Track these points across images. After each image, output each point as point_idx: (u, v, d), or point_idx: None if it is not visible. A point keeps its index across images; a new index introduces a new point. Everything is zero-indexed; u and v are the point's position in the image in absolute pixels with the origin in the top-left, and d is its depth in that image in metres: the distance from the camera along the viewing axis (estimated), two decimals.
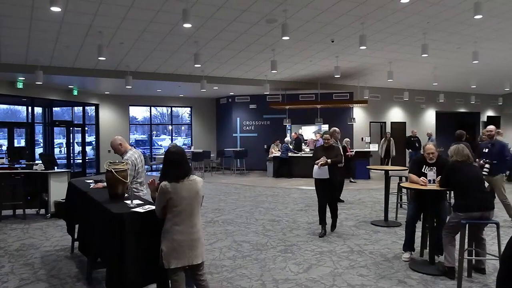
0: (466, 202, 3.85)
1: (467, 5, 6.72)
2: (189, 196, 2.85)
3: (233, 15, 7.03)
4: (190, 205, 2.87)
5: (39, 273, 4.32)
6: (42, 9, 6.31)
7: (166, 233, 2.84)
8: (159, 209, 2.87)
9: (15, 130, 13.24)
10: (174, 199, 2.80)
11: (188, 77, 11.98)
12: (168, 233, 2.82)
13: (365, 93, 13.95)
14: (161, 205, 2.84)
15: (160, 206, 2.85)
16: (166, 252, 2.80)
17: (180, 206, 2.82)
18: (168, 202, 2.81)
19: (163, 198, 2.81)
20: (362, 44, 7.71)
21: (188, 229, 2.86)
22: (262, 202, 8.61)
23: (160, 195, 2.82)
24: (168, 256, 2.80)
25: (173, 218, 2.83)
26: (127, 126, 16.05)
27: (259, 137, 15.79)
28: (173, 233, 2.82)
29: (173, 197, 2.79)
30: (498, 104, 19.05)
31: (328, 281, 3.98)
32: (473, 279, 3.98)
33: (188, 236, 2.85)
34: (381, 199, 7.71)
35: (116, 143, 4.43)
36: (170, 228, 2.83)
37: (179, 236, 2.82)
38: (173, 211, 2.82)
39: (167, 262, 2.80)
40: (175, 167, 2.86)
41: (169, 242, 2.81)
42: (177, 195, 2.80)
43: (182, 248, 2.82)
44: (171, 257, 2.80)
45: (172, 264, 2.79)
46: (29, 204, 7.29)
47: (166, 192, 2.79)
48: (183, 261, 2.83)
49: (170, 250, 2.80)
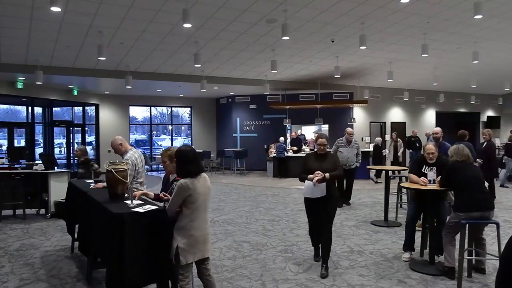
0: (466, 202, 3.85)
1: (467, 5, 6.72)
2: (204, 192, 2.96)
3: (233, 15, 7.03)
4: (205, 201, 2.99)
5: (39, 273, 4.32)
6: (42, 9, 6.31)
7: (182, 230, 2.90)
8: (176, 207, 2.91)
9: (15, 130, 13.24)
10: (193, 196, 2.88)
11: (188, 77, 11.98)
12: (185, 230, 2.89)
13: (365, 93, 13.94)
14: (179, 203, 2.90)
15: (178, 204, 2.90)
16: (184, 249, 2.87)
17: (197, 202, 2.91)
18: (186, 199, 2.87)
19: (182, 195, 2.86)
20: (362, 44, 7.71)
21: (203, 224, 2.98)
22: (262, 202, 8.61)
23: (179, 193, 2.86)
24: (185, 252, 2.87)
25: (190, 215, 2.90)
26: (127, 126, 16.04)
27: (259, 137, 15.79)
28: (190, 229, 2.90)
29: (192, 193, 2.87)
30: (498, 104, 19.04)
31: (328, 281, 3.98)
32: (473, 279, 3.98)
33: (202, 231, 2.97)
34: (381, 199, 7.71)
35: (117, 143, 4.43)
36: (187, 225, 2.90)
37: (196, 231, 2.91)
38: (189, 208, 2.89)
39: (184, 258, 2.87)
40: (192, 164, 2.94)
41: (186, 239, 2.88)
42: (195, 192, 2.88)
43: (197, 243, 2.92)
44: (188, 253, 2.88)
45: (189, 259, 2.89)
46: (29, 204, 7.29)
47: (186, 189, 2.85)
48: (198, 255, 2.94)
49: (187, 246, 2.88)
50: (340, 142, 7.92)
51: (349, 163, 7.72)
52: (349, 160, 7.71)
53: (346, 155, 7.70)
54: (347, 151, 7.75)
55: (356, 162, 7.84)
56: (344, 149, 7.78)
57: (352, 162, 7.78)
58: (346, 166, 7.50)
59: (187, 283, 2.92)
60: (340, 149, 7.79)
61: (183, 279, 2.91)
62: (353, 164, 7.81)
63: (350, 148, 7.79)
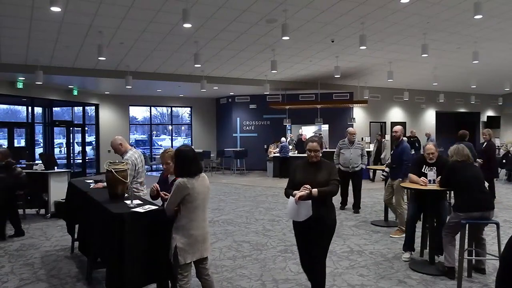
0: (466, 202, 3.85)
1: (467, 5, 6.72)
2: (203, 192, 2.97)
3: (233, 15, 7.03)
4: (204, 200, 3.00)
5: (39, 273, 4.32)
6: (42, 9, 6.31)
7: (181, 229, 2.90)
8: (174, 206, 2.91)
9: (15, 130, 13.23)
10: (191, 195, 2.88)
11: (188, 77, 11.98)
12: (184, 229, 2.90)
13: (365, 93, 13.95)
14: (177, 202, 2.90)
15: (176, 203, 2.90)
16: (182, 248, 2.88)
17: (196, 202, 2.91)
18: (184, 198, 2.88)
19: (180, 194, 2.87)
20: (362, 44, 7.71)
21: (202, 223, 2.99)
22: (262, 202, 8.61)
23: (178, 192, 2.87)
24: (184, 252, 2.88)
25: (189, 214, 2.91)
26: (127, 126, 16.05)
27: (259, 137, 15.79)
28: (190, 229, 2.90)
29: (190, 192, 2.88)
30: (498, 104, 19.04)
31: (328, 281, 3.97)
32: (473, 279, 3.98)
33: (202, 230, 2.98)
34: (381, 199, 7.69)
35: (116, 143, 4.43)
36: (186, 224, 2.90)
37: (195, 231, 2.92)
38: (188, 207, 2.90)
39: (183, 258, 2.87)
40: (191, 163, 2.96)
41: (185, 238, 2.89)
42: (194, 191, 2.89)
43: (196, 243, 2.92)
44: (187, 253, 2.89)
45: (188, 259, 2.89)
46: (29, 204, 7.29)
47: (184, 188, 2.86)
48: (196, 254, 2.94)
49: (186, 245, 2.89)
50: (342, 144, 7.59)
51: (353, 165, 7.38)
52: (352, 161, 7.37)
53: (349, 157, 7.38)
54: (349, 152, 7.41)
55: (361, 164, 7.46)
56: (346, 151, 7.44)
57: (356, 163, 7.40)
58: (349, 169, 7.35)
59: (186, 283, 2.92)
60: (342, 151, 7.48)
61: (182, 279, 2.91)
62: (358, 165, 7.42)
63: (354, 149, 7.43)
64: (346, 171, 7.37)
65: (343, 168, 7.37)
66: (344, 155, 7.43)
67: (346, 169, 7.39)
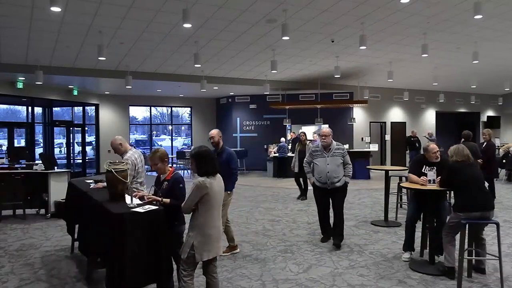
0: (466, 202, 3.85)
1: (467, 5, 6.72)
2: (219, 191, 3.05)
3: (233, 15, 7.03)
4: (219, 200, 3.06)
5: (39, 273, 4.32)
6: (42, 9, 6.31)
7: (198, 228, 2.95)
8: (192, 204, 2.96)
9: (15, 130, 13.22)
10: (209, 194, 2.95)
11: (188, 77, 11.98)
12: (202, 228, 2.95)
13: (365, 93, 13.95)
14: (195, 201, 2.95)
15: (195, 202, 2.95)
16: (198, 246, 2.93)
17: (213, 201, 2.98)
18: (203, 197, 2.93)
19: (199, 193, 2.93)
20: (362, 44, 7.71)
21: (217, 222, 3.06)
22: (262, 202, 8.60)
23: (197, 191, 2.93)
24: (200, 250, 2.93)
25: (205, 213, 2.96)
26: (127, 126, 16.05)
27: (259, 137, 15.79)
28: (206, 227, 2.96)
29: (209, 192, 2.94)
30: (498, 104, 19.04)
31: (328, 281, 3.98)
32: (473, 279, 3.98)
33: (217, 229, 3.05)
34: (381, 199, 7.70)
35: (116, 143, 4.44)
36: (203, 223, 2.95)
37: (211, 230, 2.98)
38: (205, 206, 2.96)
39: (199, 255, 2.93)
40: (210, 163, 3.03)
41: (201, 236, 2.94)
42: (212, 190, 2.96)
43: (212, 241, 2.98)
44: (203, 250, 2.94)
45: (204, 257, 2.95)
46: (29, 204, 7.28)
47: (204, 188, 2.92)
48: (212, 253, 3.00)
49: (202, 243, 2.94)
50: (315, 151, 5.27)
51: (331, 180, 5.04)
52: (329, 175, 5.03)
53: (325, 168, 5.06)
54: (324, 162, 5.08)
55: (345, 176, 5.11)
56: (320, 160, 5.14)
57: (336, 177, 5.04)
58: (327, 185, 5.06)
59: (190, 279, 2.98)
60: (315, 161, 5.21)
61: (186, 275, 2.97)
62: (338, 180, 5.06)
63: (331, 157, 5.09)
64: (324, 187, 5.13)
65: (318, 183, 5.19)
66: (318, 166, 5.15)
67: (324, 186, 5.13)
